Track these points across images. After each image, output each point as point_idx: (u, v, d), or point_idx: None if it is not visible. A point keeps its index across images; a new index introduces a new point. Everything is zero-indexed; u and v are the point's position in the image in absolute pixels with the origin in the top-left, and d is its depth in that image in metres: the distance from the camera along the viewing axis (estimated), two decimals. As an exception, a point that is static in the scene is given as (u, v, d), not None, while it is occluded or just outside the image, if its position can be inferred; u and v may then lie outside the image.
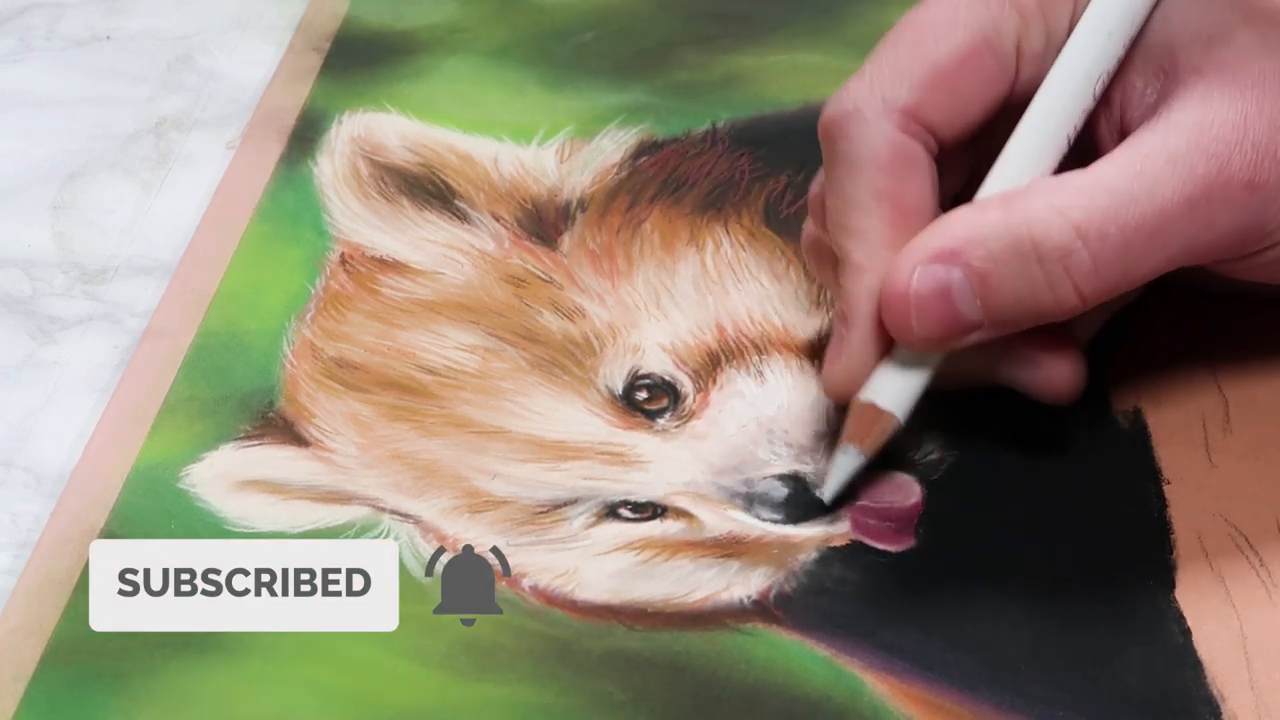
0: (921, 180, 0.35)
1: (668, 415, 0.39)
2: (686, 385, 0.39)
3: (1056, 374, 0.36)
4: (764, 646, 0.34)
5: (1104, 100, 0.36)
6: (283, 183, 0.46)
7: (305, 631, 0.35)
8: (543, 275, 0.42)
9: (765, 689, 0.33)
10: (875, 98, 0.35)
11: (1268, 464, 0.37)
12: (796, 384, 0.39)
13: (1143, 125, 0.34)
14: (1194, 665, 0.33)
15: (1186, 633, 0.34)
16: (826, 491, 0.36)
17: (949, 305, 0.33)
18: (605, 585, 0.36)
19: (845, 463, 0.36)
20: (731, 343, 0.40)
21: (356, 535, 0.36)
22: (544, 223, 0.44)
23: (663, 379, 0.40)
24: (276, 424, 0.39)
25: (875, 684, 0.33)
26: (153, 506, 0.37)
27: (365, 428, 0.39)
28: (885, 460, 0.37)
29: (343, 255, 0.43)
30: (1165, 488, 0.37)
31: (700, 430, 0.38)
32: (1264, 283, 0.36)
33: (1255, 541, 0.35)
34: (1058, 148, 0.35)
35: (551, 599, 0.35)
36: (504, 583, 0.36)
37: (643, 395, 0.39)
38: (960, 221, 0.34)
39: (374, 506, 0.37)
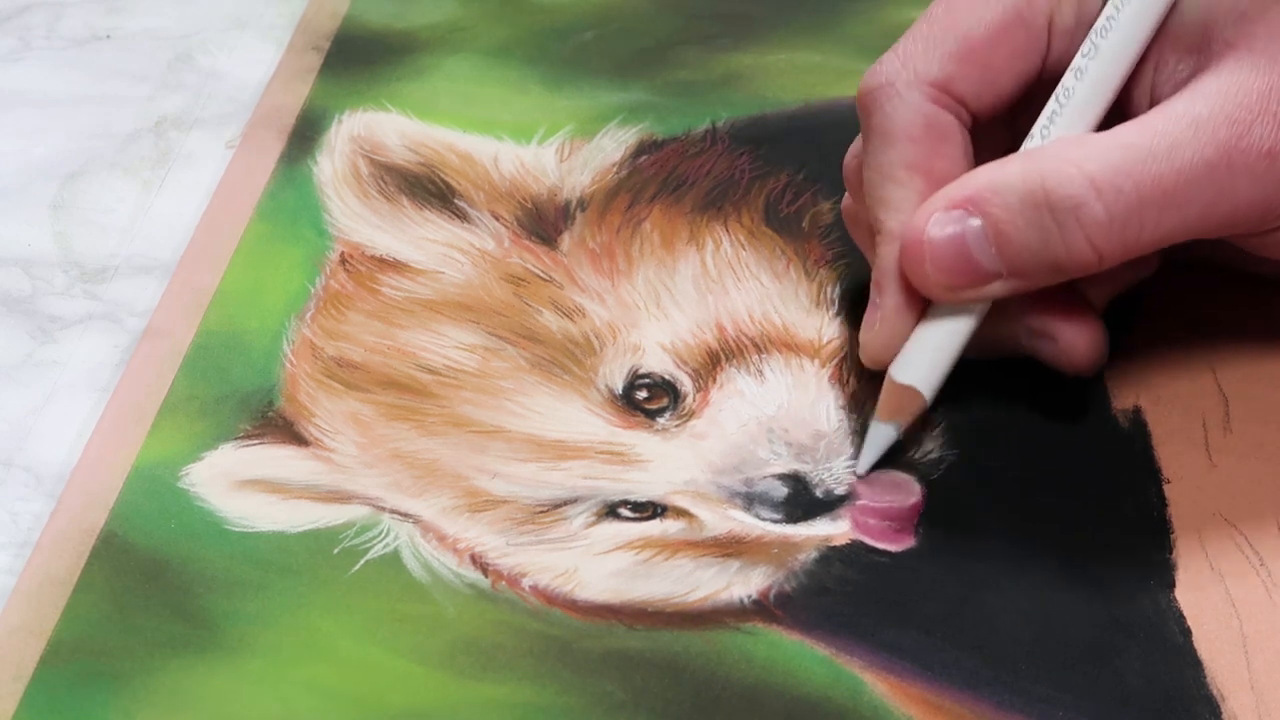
0: (954, 151, 0.36)
1: (668, 414, 0.39)
2: (686, 384, 0.39)
3: (1077, 344, 0.37)
4: (764, 646, 0.34)
5: (1136, 76, 0.36)
6: (283, 182, 0.46)
7: (305, 631, 0.35)
8: (543, 274, 0.42)
9: (765, 689, 0.33)
10: (908, 71, 0.36)
11: (1268, 464, 0.37)
12: (796, 383, 0.39)
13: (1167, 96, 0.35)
14: (1194, 665, 0.33)
15: (1186, 632, 0.34)
16: (861, 465, 0.37)
17: (964, 252, 0.34)
18: (605, 585, 0.36)
19: (878, 437, 0.37)
20: (731, 342, 0.40)
21: (356, 535, 0.37)
22: (544, 222, 0.44)
23: (663, 378, 0.40)
24: (276, 423, 0.39)
25: (875, 684, 0.33)
26: (153, 506, 0.37)
27: (365, 427, 0.39)
28: (885, 460, 0.37)
29: (343, 254, 0.43)
30: (1165, 487, 0.37)
31: (700, 429, 0.38)
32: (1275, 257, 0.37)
33: (1255, 541, 0.35)
34: (1094, 113, 0.35)
35: (551, 598, 0.35)
36: (504, 582, 0.36)
37: (643, 394, 0.39)
38: (981, 173, 0.34)
39: (374, 506, 0.37)
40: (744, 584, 0.35)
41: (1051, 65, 0.37)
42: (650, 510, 0.37)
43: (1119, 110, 0.36)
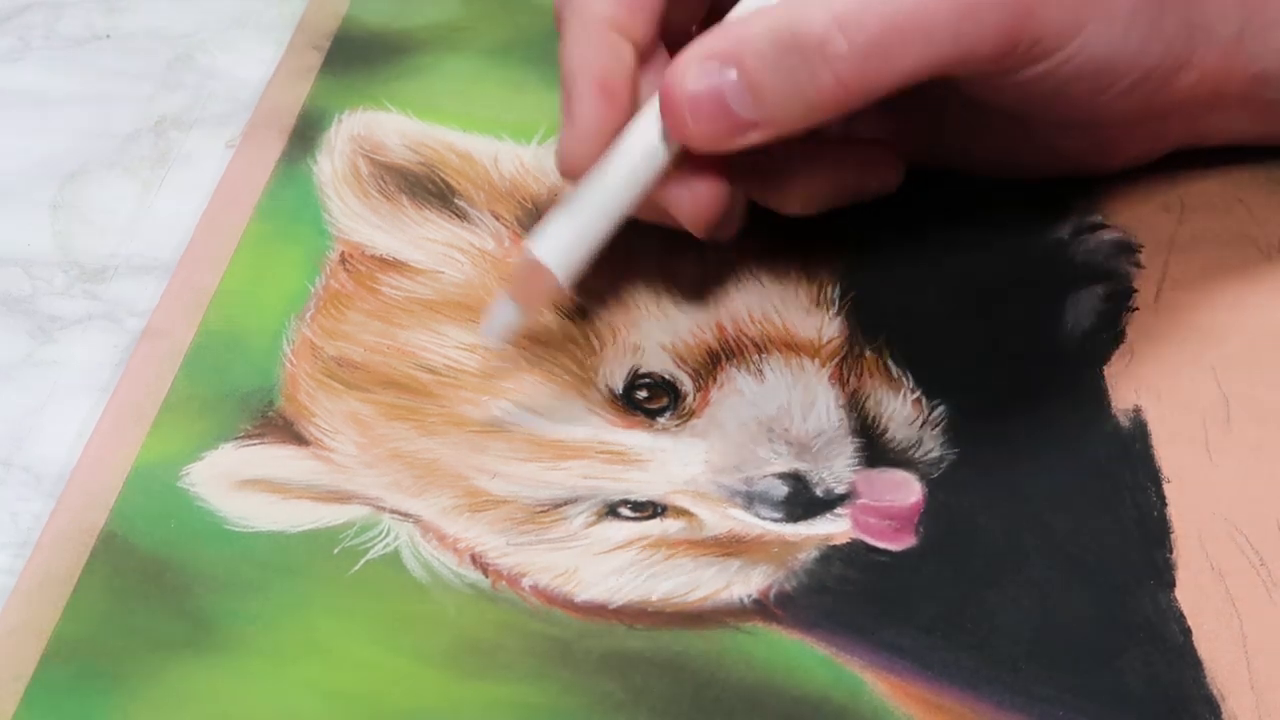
0: None
1: (668, 414, 0.39)
2: (686, 384, 0.39)
3: (894, 174, 0.41)
4: (764, 646, 0.34)
5: None
6: (283, 181, 0.45)
7: (305, 631, 0.35)
8: (543, 274, 0.42)
9: (765, 688, 0.33)
10: None
11: (1268, 464, 0.37)
12: (797, 382, 0.39)
13: None
14: (1194, 665, 0.33)
15: (1186, 632, 0.34)
16: (484, 335, 0.38)
17: (722, 104, 0.35)
18: (605, 584, 0.36)
19: (501, 314, 0.37)
20: (731, 341, 0.40)
21: (357, 535, 0.37)
22: (544, 221, 0.44)
23: (663, 378, 0.40)
24: (276, 423, 0.39)
25: (875, 683, 0.33)
26: (153, 506, 0.37)
27: (365, 427, 0.39)
28: (886, 459, 0.37)
29: (342, 254, 0.43)
30: (1165, 487, 0.37)
31: (700, 429, 0.38)
32: (1038, 112, 0.39)
33: (1255, 541, 0.35)
34: None
35: (551, 598, 0.35)
36: (504, 582, 0.36)
37: (643, 394, 0.39)
38: (735, 24, 0.35)
39: (374, 506, 0.37)
40: (744, 583, 0.35)
41: None
42: (650, 510, 0.37)
43: None
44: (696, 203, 0.38)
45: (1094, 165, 0.43)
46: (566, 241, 0.36)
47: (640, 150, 0.36)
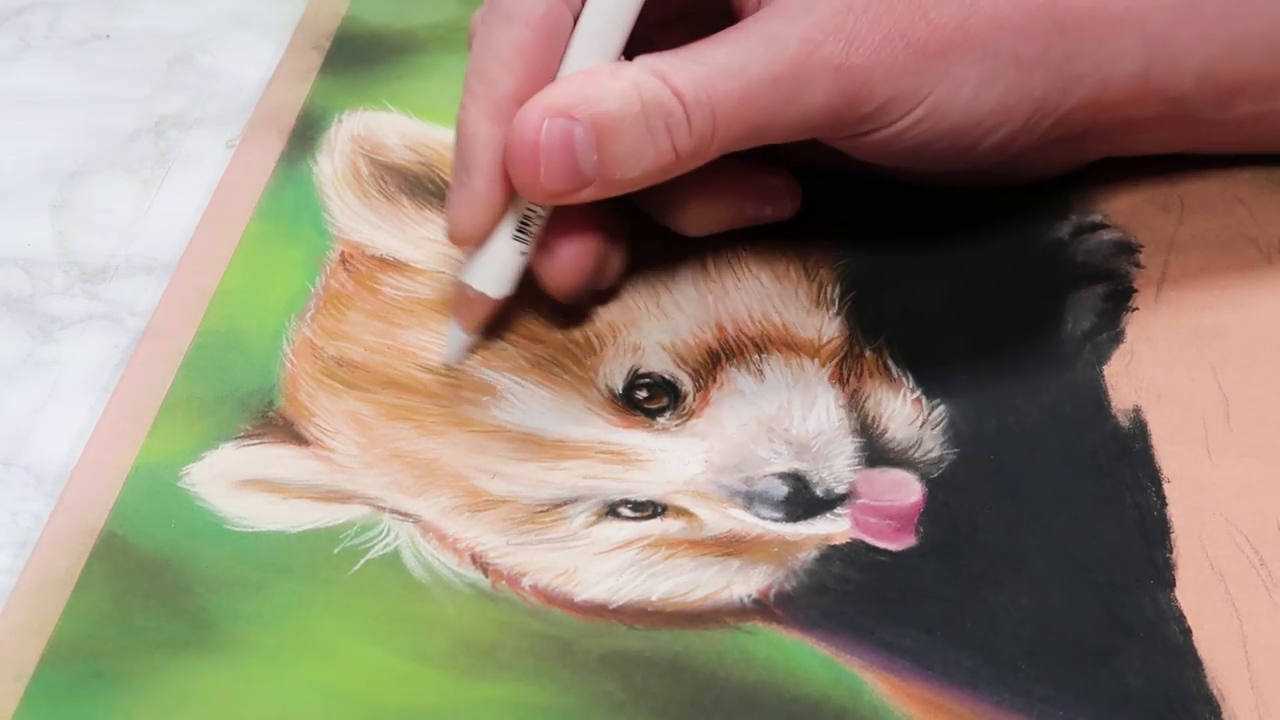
0: (560, 49, 0.38)
1: (668, 414, 0.39)
2: (686, 384, 0.39)
3: (787, 201, 0.42)
4: (764, 646, 0.34)
5: None
6: (283, 181, 0.45)
7: (305, 631, 0.35)
8: (543, 274, 0.42)
9: (765, 688, 0.33)
10: None
11: (1268, 464, 0.37)
12: (797, 382, 0.39)
13: (764, 6, 0.38)
14: (1194, 665, 0.33)
15: (1186, 632, 0.34)
16: (452, 357, 0.40)
17: (571, 158, 0.36)
18: (605, 584, 0.36)
19: (452, 338, 0.40)
20: (731, 341, 0.40)
21: (357, 535, 0.37)
22: (544, 222, 0.44)
23: (663, 378, 0.40)
24: (276, 423, 0.39)
25: (875, 683, 0.33)
26: (153, 506, 0.37)
27: (365, 427, 0.39)
28: (886, 459, 0.37)
29: (343, 254, 0.43)
30: (1165, 487, 0.37)
31: (700, 429, 0.38)
32: (889, 164, 0.40)
33: (1255, 541, 0.35)
34: (620, 34, 0.38)
35: (551, 598, 0.35)
36: (504, 582, 0.36)
37: (643, 394, 0.39)
38: (581, 80, 0.37)
39: (374, 506, 0.37)
40: (744, 583, 0.35)
41: None
42: (650, 510, 0.37)
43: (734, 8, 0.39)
44: (560, 270, 0.39)
45: (1012, 179, 0.43)
46: (498, 270, 0.39)
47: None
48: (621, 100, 0.36)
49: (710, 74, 0.36)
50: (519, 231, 0.38)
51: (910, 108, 0.37)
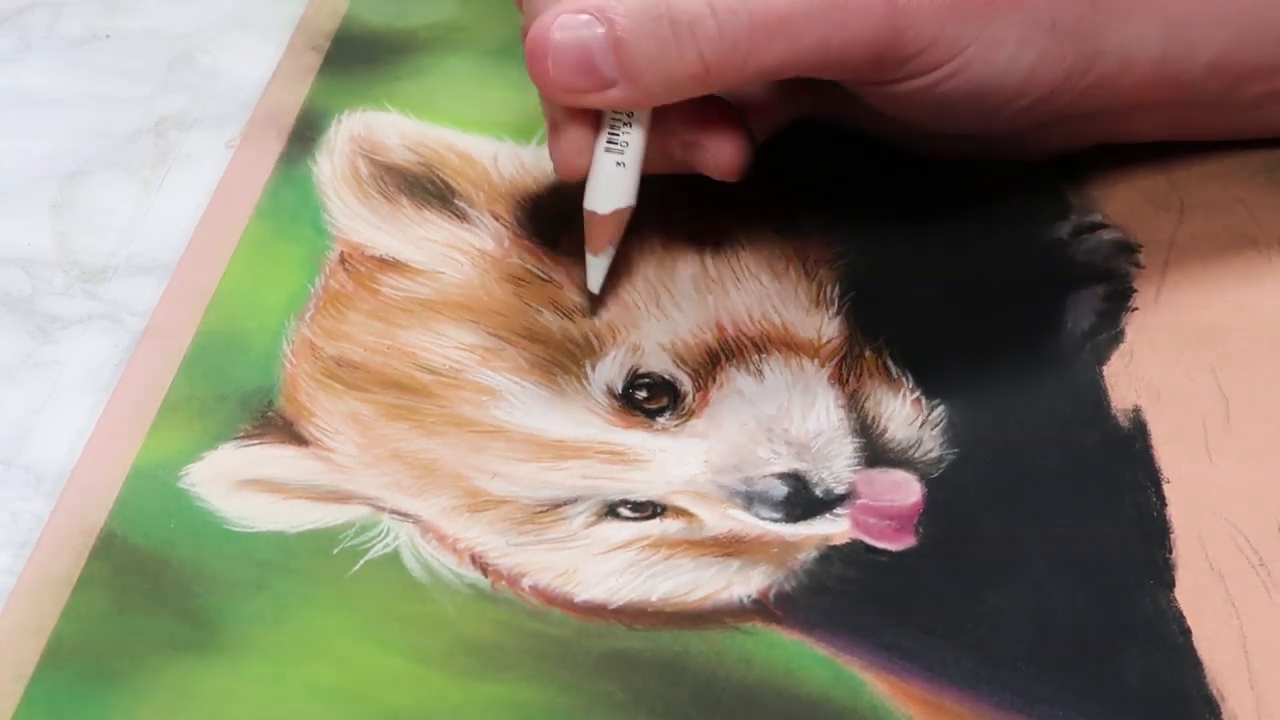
0: None
1: (667, 414, 0.39)
2: (686, 384, 0.39)
3: (723, 151, 0.39)
4: (764, 646, 0.34)
5: None
6: (282, 181, 0.45)
7: (305, 631, 0.35)
8: (543, 275, 0.42)
9: (765, 689, 0.33)
10: None
11: (1268, 464, 0.37)
12: (796, 382, 0.39)
13: None
14: (1194, 665, 0.33)
15: (1186, 632, 0.34)
16: (592, 284, 0.40)
17: (585, 57, 0.36)
18: (605, 584, 0.36)
19: (598, 264, 0.40)
20: (731, 341, 0.40)
21: (356, 535, 0.37)
22: (544, 222, 0.44)
23: (662, 378, 0.40)
24: (276, 423, 0.39)
25: (875, 683, 0.33)
26: (153, 506, 0.37)
27: (365, 427, 0.39)
28: (886, 459, 0.37)
29: (342, 254, 0.43)
30: (1165, 487, 0.37)
31: (700, 429, 0.38)
32: (917, 123, 0.40)
33: (1255, 541, 0.35)
34: None
35: (551, 598, 0.35)
36: (504, 582, 0.36)
37: (642, 394, 0.39)
38: None
39: (374, 506, 0.37)
40: (744, 583, 0.35)
41: None
42: (650, 510, 0.37)
43: None
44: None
45: (1011, 154, 0.43)
46: (616, 188, 0.39)
47: None
48: (648, 2, 0.35)
49: None
50: (609, 143, 0.38)
51: (949, 58, 0.37)
